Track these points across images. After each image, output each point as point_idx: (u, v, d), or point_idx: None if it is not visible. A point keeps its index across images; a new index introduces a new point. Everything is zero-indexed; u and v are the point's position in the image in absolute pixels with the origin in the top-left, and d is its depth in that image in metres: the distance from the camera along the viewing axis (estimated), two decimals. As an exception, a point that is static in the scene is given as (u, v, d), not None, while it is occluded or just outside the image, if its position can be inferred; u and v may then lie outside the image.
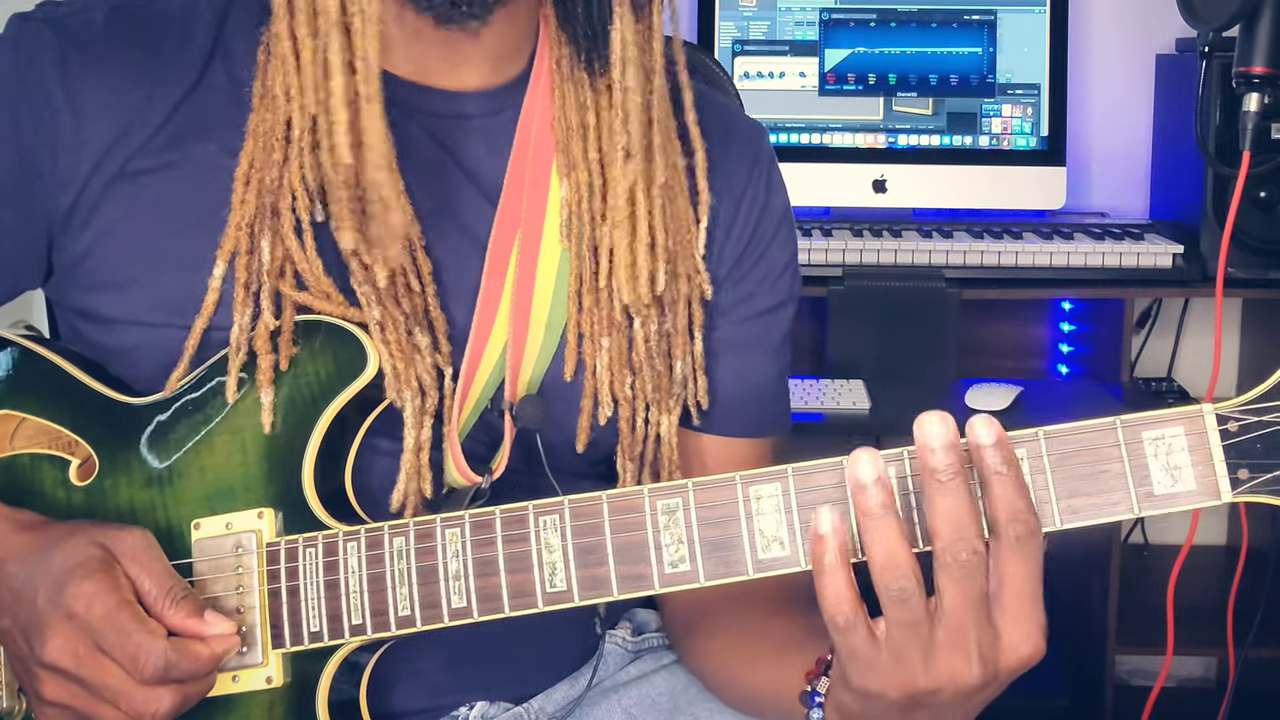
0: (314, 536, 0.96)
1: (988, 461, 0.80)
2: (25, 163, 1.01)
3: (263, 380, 0.97)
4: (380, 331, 0.98)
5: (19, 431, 1.04)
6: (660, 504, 0.88)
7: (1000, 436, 0.80)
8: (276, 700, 0.96)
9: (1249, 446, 0.80)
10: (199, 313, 0.99)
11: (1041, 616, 0.81)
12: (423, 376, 1.00)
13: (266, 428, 0.97)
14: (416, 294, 1.01)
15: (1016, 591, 0.80)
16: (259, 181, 0.99)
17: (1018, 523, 0.79)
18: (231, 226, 0.99)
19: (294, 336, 0.98)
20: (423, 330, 1.00)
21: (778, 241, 1.15)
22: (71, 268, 1.03)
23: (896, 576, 0.79)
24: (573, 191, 1.05)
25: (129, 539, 0.94)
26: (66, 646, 0.90)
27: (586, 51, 1.05)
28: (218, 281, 0.99)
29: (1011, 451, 0.80)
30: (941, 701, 0.82)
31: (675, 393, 1.09)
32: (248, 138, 1.00)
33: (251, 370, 0.98)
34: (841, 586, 0.80)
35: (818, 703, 0.89)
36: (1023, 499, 0.80)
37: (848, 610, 0.80)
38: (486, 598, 0.91)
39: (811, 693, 0.90)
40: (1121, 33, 2.61)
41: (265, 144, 0.99)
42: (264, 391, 0.97)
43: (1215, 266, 1.85)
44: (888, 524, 0.80)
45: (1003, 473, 0.79)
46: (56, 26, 1.02)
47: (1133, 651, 2.46)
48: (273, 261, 0.99)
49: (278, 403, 0.98)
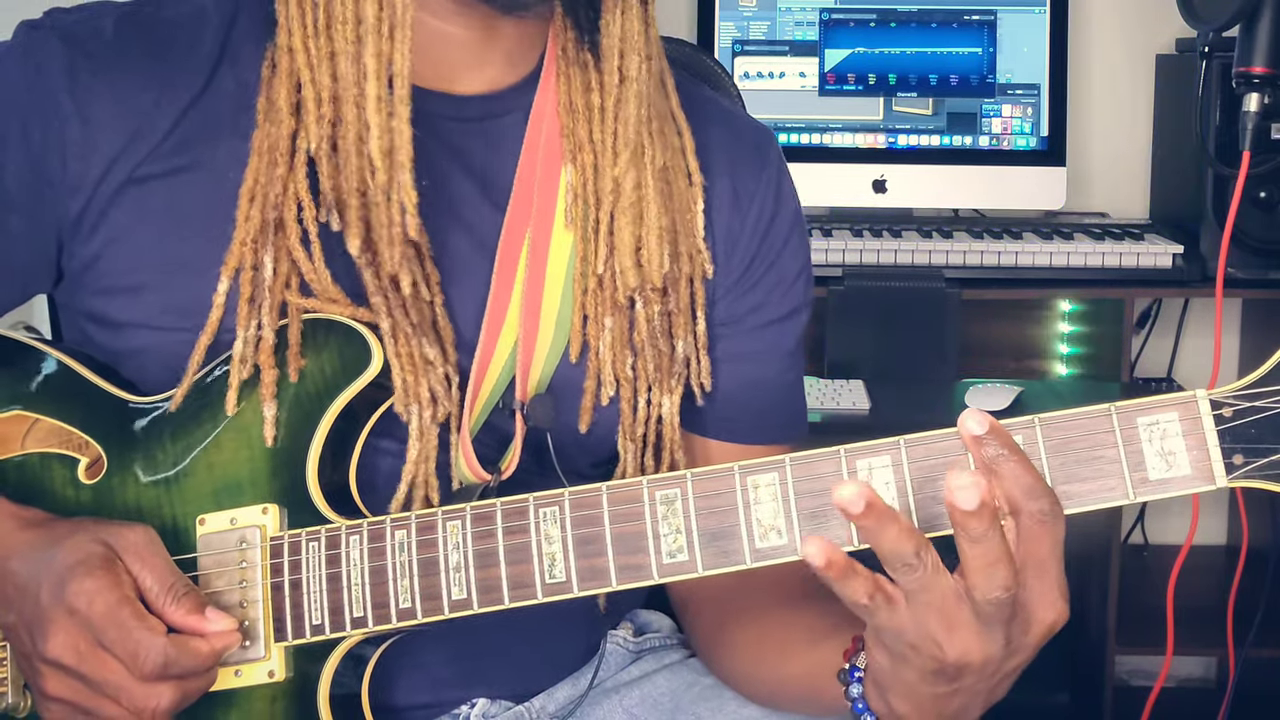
0: (317, 530, 0.96)
1: (987, 450, 0.80)
2: (35, 170, 1.01)
3: (265, 395, 0.98)
4: (393, 344, 0.99)
5: (31, 432, 1.05)
6: (659, 494, 0.88)
7: (992, 424, 0.80)
8: (278, 694, 0.97)
9: (1243, 431, 0.80)
10: (204, 328, 1.00)
11: (1064, 582, 0.82)
12: (435, 388, 1.01)
13: (269, 441, 0.98)
14: (425, 303, 1.02)
15: (1040, 566, 0.81)
16: (263, 197, 0.99)
17: (1035, 497, 0.80)
18: (236, 242, 0.99)
19: (301, 341, 0.99)
20: (431, 341, 1.01)
21: (789, 249, 1.15)
22: (81, 272, 1.04)
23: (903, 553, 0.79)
24: (578, 174, 1.05)
25: (131, 535, 0.94)
26: (68, 642, 0.91)
27: (590, 34, 1.05)
28: (221, 298, 1.00)
29: (1007, 435, 0.80)
30: (972, 673, 0.83)
31: (677, 372, 1.09)
32: (252, 154, 1.00)
33: (255, 380, 0.99)
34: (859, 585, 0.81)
35: (857, 677, 0.90)
36: (1031, 474, 0.80)
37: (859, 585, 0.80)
38: (486, 589, 0.91)
39: (851, 668, 0.91)
40: (1121, 33, 2.61)
41: (270, 159, 1.00)
42: (266, 406, 0.98)
43: (1215, 266, 1.86)
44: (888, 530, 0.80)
45: (1004, 454, 0.80)
46: (65, 34, 1.02)
47: (1133, 651, 2.45)
48: (276, 278, 0.99)
49: (282, 398, 0.98)
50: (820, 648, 0.98)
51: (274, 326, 0.99)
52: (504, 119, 1.07)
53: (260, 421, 0.98)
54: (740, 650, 1.10)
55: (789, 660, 1.03)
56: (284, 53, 1.00)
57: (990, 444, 0.80)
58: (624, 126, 1.04)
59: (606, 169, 1.04)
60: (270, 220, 0.99)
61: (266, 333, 0.98)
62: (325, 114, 0.98)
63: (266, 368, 0.98)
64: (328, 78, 0.98)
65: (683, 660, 1.19)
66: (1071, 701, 2.37)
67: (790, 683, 1.03)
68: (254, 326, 0.99)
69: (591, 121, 1.05)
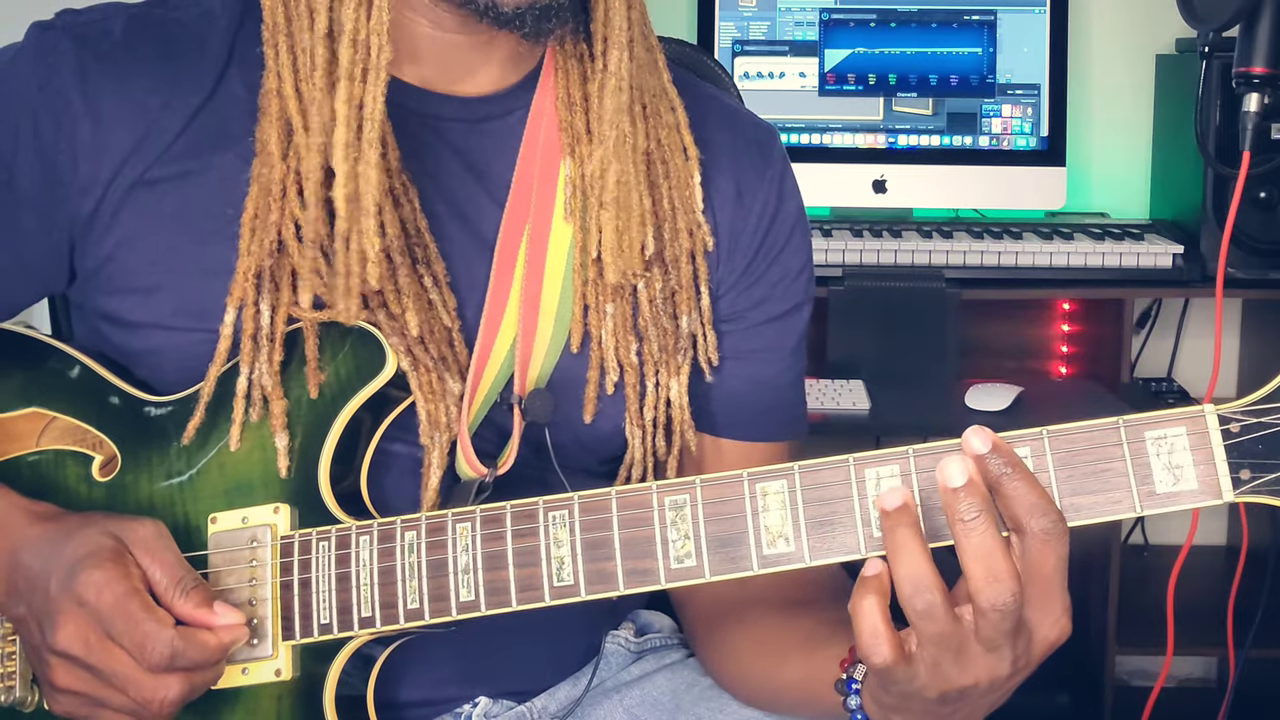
0: (327, 530, 0.97)
1: (991, 467, 0.81)
2: (47, 169, 1.02)
3: (276, 426, 0.99)
4: (414, 378, 1.00)
5: (47, 430, 1.05)
6: (668, 500, 0.89)
7: (996, 441, 0.81)
8: (285, 693, 0.97)
9: (1251, 447, 0.81)
10: (214, 358, 1.00)
11: (1066, 598, 0.82)
12: (451, 410, 1.01)
13: (283, 472, 0.98)
14: (443, 328, 1.02)
15: (1045, 583, 0.81)
16: (263, 229, 0.99)
17: (1039, 515, 0.80)
18: (239, 274, 0.99)
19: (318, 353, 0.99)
20: (454, 375, 1.01)
21: (791, 246, 1.15)
22: (94, 272, 1.04)
23: (921, 591, 0.80)
24: (575, 166, 1.05)
25: (141, 529, 0.95)
26: (77, 633, 0.91)
27: (586, 25, 1.05)
28: (229, 329, 1.00)
29: (1011, 452, 0.81)
30: (977, 692, 0.84)
31: (683, 348, 1.09)
32: (252, 183, 1.00)
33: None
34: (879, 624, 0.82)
35: (855, 689, 0.90)
36: (1035, 492, 0.81)
37: (885, 650, 0.82)
38: (494, 591, 0.92)
39: (848, 680, 0.91)
40: (1121, 33, 2.61)
41: (264, 202, 0.99)
42: (279, 436, 0.98)
43: (1215, 267, 1.85)
44: (911, 545, 0.81)
45: (1008, 472, 0.81)
46: (76, 36, 1.03)
47: (1133, 652, 2.45)
48: (277, 314, 0.99)
49: (295, 397, 0.99)
50: (817, 655, 0.98)
51: (277, 367, 0.99)
52: (508, 118, 1.07)
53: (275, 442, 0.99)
54: (738, 655, 1.10)
55: (786, 667, 1.03)
56: (273, 97, 0.99)
57: (994, 461, 0.81)
58: (597, 120, 1.04)
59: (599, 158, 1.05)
60: (267, 266, 0.99)
61: (268, 380, 0.98)
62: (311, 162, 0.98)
63: (275, 398, 0.99)
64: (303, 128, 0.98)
65: (683, 660, 1.19)
66: (1071, 702, 2.37)
67: (787, 689, 1.04)
68: (257, 370, 0.99)
69: (589, 112, 1.06)
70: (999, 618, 0.80)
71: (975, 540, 0.80)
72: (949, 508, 0.80)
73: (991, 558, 0.79)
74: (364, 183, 0.95)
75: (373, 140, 0.95)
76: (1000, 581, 0.79)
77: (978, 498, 0.80)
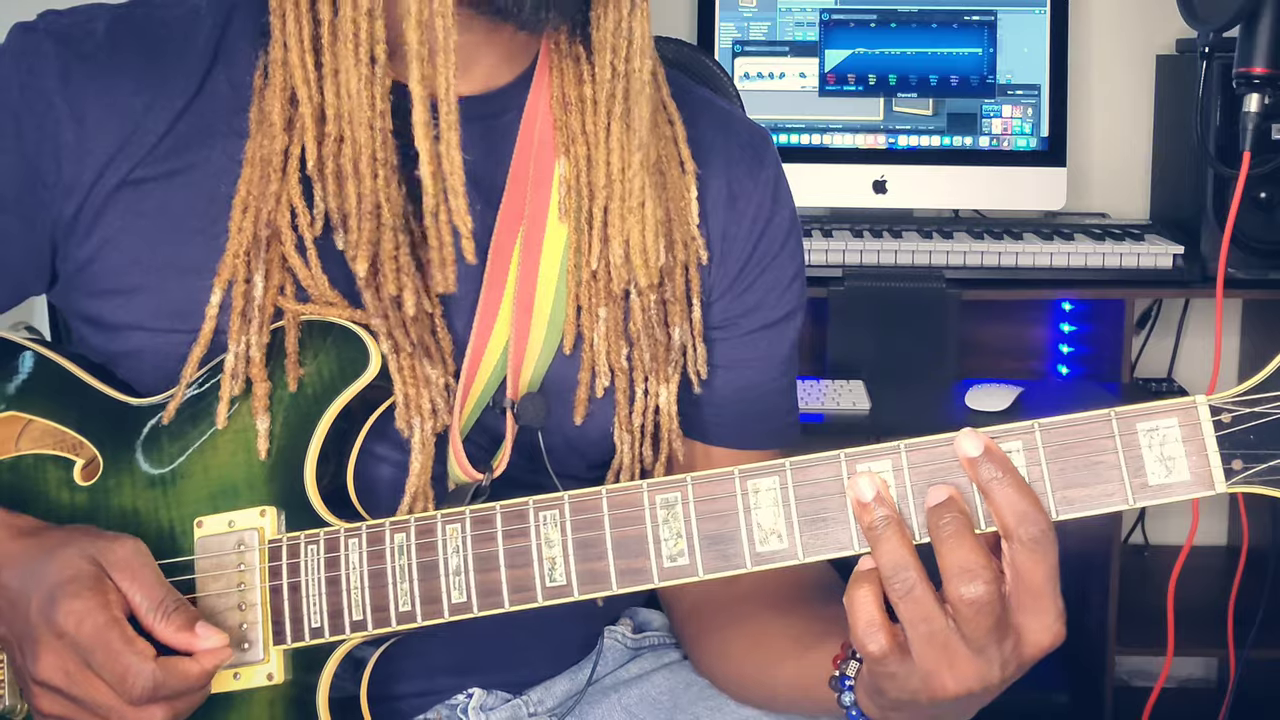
0: (315, 533, 0.96)
1: (981, 472, 0.81)
2: (29, 171, 1.01)
3: (258, 408, 0.98)
4: (394, 361, 0.99)
5: (25, 433, 1.04)
6: (659, 498, 0.88)
7: (988, 445, 0.82)
8: (277, 697, 0.97)
9: (1242, 437, 0.80)
10: (197, 339, 1.00)
11: (1059, 604, 0.82)
12: (435, 400, 1.01)
13: (263, 454, 0.98)
14: (425, 314, 1.01)
15: (1035, 589, 0.81)
16: (255, 209, 0.99)
17: (1028, 524, 0.81)
18: (228, 254, 0.99)
19: (299, 348, 0.99)
20: (434, 362, 1.01)
21: (785, 252, 1.14)
22: (75, 274, 1.04)
23: (899, 570, 0.82)
24: (571, 166, 1.05)
25: (120, 550, 0.93)
26: (57, 664, 0.90)
27: (582, 28, 1.05)
28: (214, 309, 0.99)
29: (1004, 457, 0.82)
30: (969, 696, 0.84)
31: (674, 360, 1.09)
32: (245, 164, 1.00)
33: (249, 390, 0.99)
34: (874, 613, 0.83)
35: (848, 686, 0.91)
36: (1025, 499, 0.81)
37: (881, 638, 0.83)
38: (486, 592, 0.91)
39: (841, 677, 0.91)
40: (1121, 33, 2.61)
41: (263, 172, 0.99)
42: (259, 419, 0.98)
43: (1215, 267, 1.85)
44: (888, 529, 0.82)
45: (999, 478, 0.81)
46: (59, 37, 1.02)
47: (1133, 652, 2.45)
48: (267, 292, 0.99)
49: (280, 401, 0.98)
50: (810, 653, 0.98)
51: (265, 342, 0.98)
52: (503, 117, 1.07)
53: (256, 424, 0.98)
54: (731, 654, 1.10)
55: (779, 665, 1.03)
56: (277, 66, 0.99)
57: (985, 466, 0.81)
58: (626, 130, 1.03)
59: (600, 161, 1.04)
60: (263, 235, 0.99)
61: (255, 353, 0.98)
62: (330, 132, 0.97)
63: (258, 380, 0.98)
64: (332, 95, 0.97)
65: (681, 659, 1.19)
66: (1071, 701, 2.37)
67: (782, 687, 1.04)
68: (244, 343, 0.98)
69: (585, 114, 1.05)
70: (973, 611, 0.80)
71: (948, 534, 0.81)
72: (929, 518, 0.82)
73: (963, 549, 0.80)
74: (448, 163, 0.96)
75: (452, 122, 0.96)
76: (972, 574, 0.80)
77: (956, 511, 0.81)
